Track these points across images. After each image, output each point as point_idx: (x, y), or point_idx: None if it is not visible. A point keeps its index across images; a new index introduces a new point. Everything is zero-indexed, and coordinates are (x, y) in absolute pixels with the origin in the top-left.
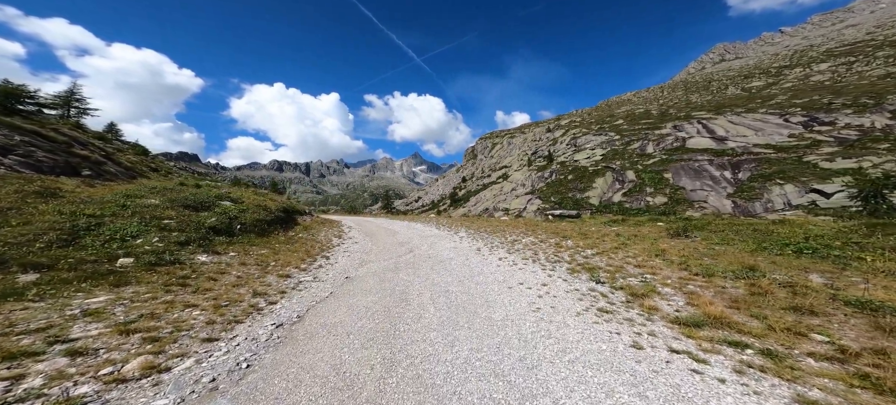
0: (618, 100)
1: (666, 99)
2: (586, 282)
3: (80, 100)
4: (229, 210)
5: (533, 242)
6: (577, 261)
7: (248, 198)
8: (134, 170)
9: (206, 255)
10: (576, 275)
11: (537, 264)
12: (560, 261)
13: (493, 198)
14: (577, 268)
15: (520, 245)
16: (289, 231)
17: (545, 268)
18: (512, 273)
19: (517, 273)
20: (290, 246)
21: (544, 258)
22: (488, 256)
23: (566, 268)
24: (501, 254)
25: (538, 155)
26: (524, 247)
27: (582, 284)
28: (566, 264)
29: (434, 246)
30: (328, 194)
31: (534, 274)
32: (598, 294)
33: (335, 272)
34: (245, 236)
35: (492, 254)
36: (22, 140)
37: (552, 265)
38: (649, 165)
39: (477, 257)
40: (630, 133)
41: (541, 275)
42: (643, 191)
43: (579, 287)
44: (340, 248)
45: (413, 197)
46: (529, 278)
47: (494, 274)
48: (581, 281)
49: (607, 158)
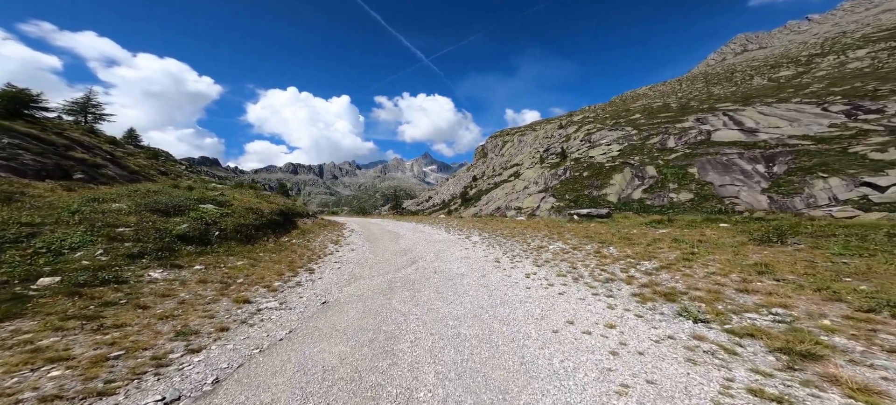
0: (632, 94)
1: (685, 92)
2: (677, 320)
3: (96, 106)
4: (208, 214)
5: (563, 250)
6: (638, 281)
7: (242, 200)
8: (140, 173)
9: (162, 271)
10: (650, 305)
11: (582, 284)
12: (613, 280)
13: (504, 196)
14: (648, 292)
15: (547, 253)
16: (283, 236)
17: (597, 293)
18: (551, 301)
19: (559, 301)
20: (276, 255)
21: (588, 274)
22: (511, 270)
23: (628, 291)
24: (527, 268)
25: (550, 152)
26: (555, 257)
27: (673, 326)
28: (625, 285)
29: (442, 255)
30: (341, 195)
31: (585, 303)
32: (718, 348)
33: (312, 294)
34: (224, 244)
35: (515, 268)
36: (10, 143)
37: (605, 287)
38: (671, 160)
39: (496, 272)
40: (648, 127)
41: (596, 305)
42: (666, 187)
43: (672, 331)
44: (332, 258)
45: (423, 197)
46: (581, 312)
47: (525, 302)
48: (666, 318)
49: (625, 154)
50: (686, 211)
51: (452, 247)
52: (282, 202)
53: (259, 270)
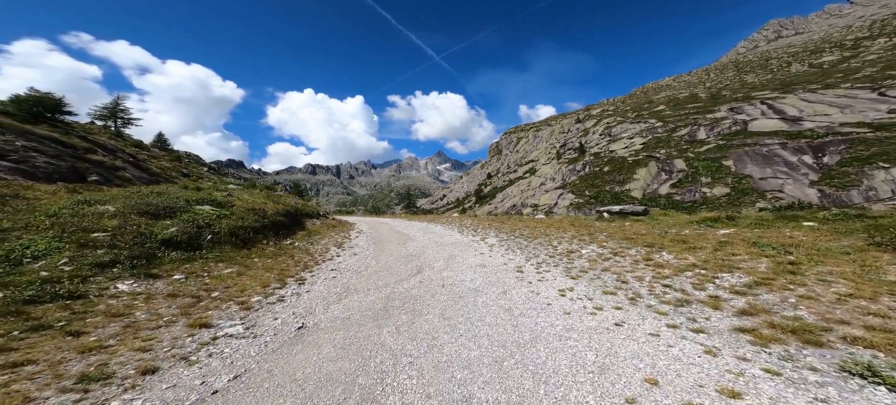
0: (655, 86)
1: (714, 81)
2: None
3: (124, 111)
4: (203, 216)
5: (601, 256)
6: (731, 305)
7: (248, 200)
8: (162, 175)
9: (133, 281)
10: (780, 351)
11: (645, 308)
12: (689, 301)
13: (520, 193)
14: (760, 327)
15: (581, 260)
16: (286, 238)
17: (676, 324)
18: (606, 337)
19: (618, 338)
20: (271, 260)
21: (647, 291)
22: (538, 284)
23: (726, 323)
24: (560, 280)
25: (568, 147)
26: (592, 265)
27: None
28: (711, 310)
29: (453, 262)
30: (357, 195)
31: (663, 343)
32: None
33: (292, 314)
34: (216, 249)
35: (543, 280)
36: (24, 146)
37: (681, 313)
38: (703, 153)
39: (520, 287)
40: (675, 119)
41: (685, 347)
42: (697, 181)
43: None
44: (331, 264)
45: (438, 195)
46: (664, 361)
47: (567, 338)
48: (824, 378)
49: (649, 147)
50: (722, 206)
51: (466, 251)
52: (291, 202)
53: (244, 280)
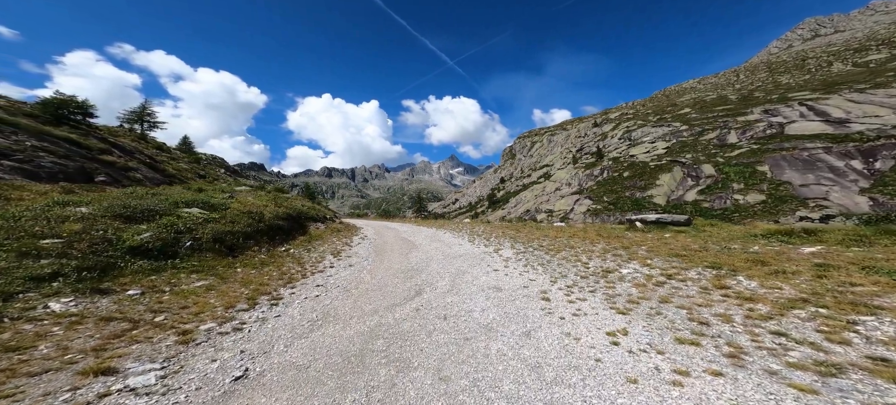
0: (678, 88)
1: (744, 83)
2: None
3: (150, 115)
4: (188, 219)
5: (649, 278)
6: None
7: (248, 203)
8: (177, 176)
9: (73, 298)
10: None
11: (762, 375)
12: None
13: (534, 198)
14: None
15: (625, 284)
16: (283, 244)
17: None
18: None
19: None
20: (255, 271)
21: (753, 345)
22: (574, 321)
23: None
24: (603, 316)
25: (584, 151)
26: (642, 293)
27: None
28: None
29: (460, 281)
30: (371, 198)
31: None
32: None
33: (239, 353)
34: (194, 257)
35: (579, 315)
36: (34, 145)
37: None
38: (734, 157)
39: (550, 326)
40: (701, 122)
41: None
42: (728, 187)
43: None
44: (319, 278)
45: (450, 199)
46: None
47: None
48: None
49: (673, 152)
50: (756, 214)
51: (476, 266)
52: (297, 205)
53: (209, 297)
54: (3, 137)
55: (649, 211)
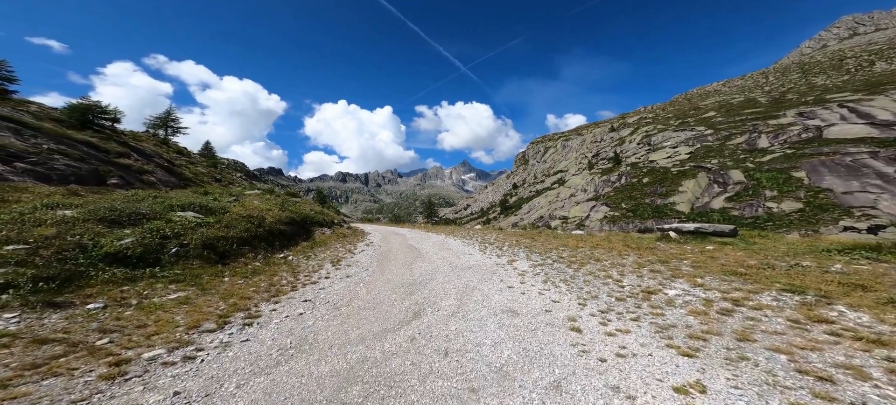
0: (700, 92)
1: (774, 85)
2: None
3: (174, 120)
4: (180, 224)
5: (708, 302)
6: None
7: (251, 206)
8: (193, 180)
9: (18, 314)
10: None
11: None
12: None
13: (548, 205)
14: None
15: (677, 310)
16: (281, 251)
17: None
18: None
19: None
20: (244, 281)
21: None
22: (620, 365)
23: None
24: (660, 358)
25: (601, 157)
26: (706, 324)
27: None
28: None
29: (467, 300)
30: (384, 203)
31: None
32: None
33: (178, 392)
34: (179, 265)
35: (625, 354)
36: (50, 148)
37: None
38: (766, 163)
39: (587, 374)
40: (728, 126)
41: None
42: (759, 194)
43: None
44: (309, 291)
45: (462, 205)
46: None
47: None
48: None
49: (697, 157)
50: (792, 224)
51: (487, 281)
52: (304, 210)
53: (176, 314)
54: (22, 140)
55: (671, 218)
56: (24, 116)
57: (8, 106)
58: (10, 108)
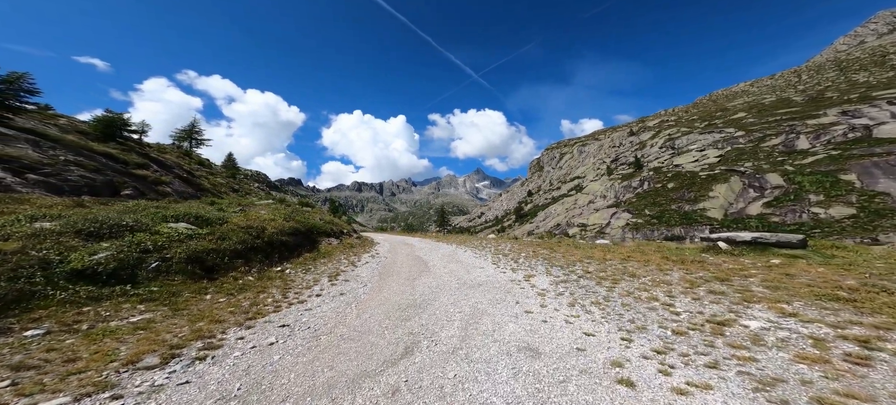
0: (726, 93)
1: (808, 83)
2: None
3: (198, 132)
4: (169, 236)
5: (822, 344)
6: None
7: (254, 217)
8: (211, 190)
9: None
10: None
11: None
12: None
13: (565, 212)
14: None
15: (776, 352)
16: (280, 263)
17: None
18: None
19: None
20: (227, 299)
21: None
22: None
23: None
24: None
25: (620, 162)
26: (840, 379)
27: None
28: None
29: (473, 332)
30: (398, 212)
31: None
32: None
33: None
34: (158, 280)
35: None
36: (65, 159)
37: None
38: (808, 165)
39: None
40: (761, 127)
41: None
42: (803, 199)
43: None
44: (291, 313)
45: (476, 213)
46: None
47: None
48: None
49: (728, 160)
50: (844, 230)
51: (500, 303)
52: (313, 220)
53: (125, 343)
54: (40, 152)
55: (701, 225)
56: (50, 129)
57: (34, 119)
58: (37, 120)
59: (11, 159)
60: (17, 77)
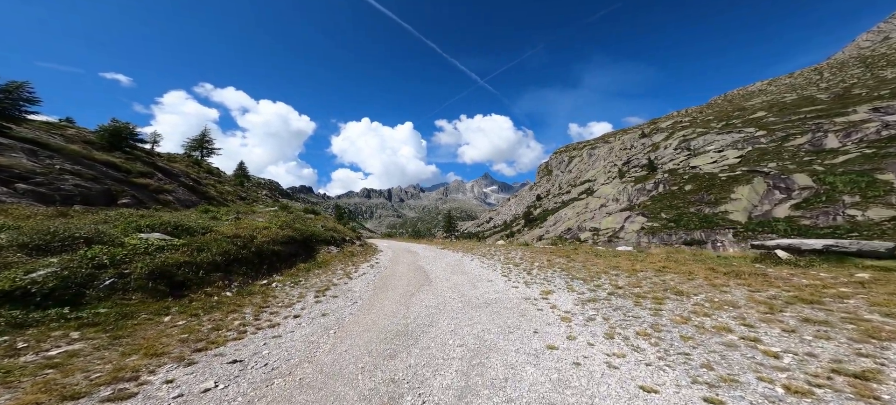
0: (742, 92)
1: (831, 80)
2: None
3: (209, 142)
4: (136, 248)
5: None
6: None
7: (242, 226)
8: (217, 198)
9: None
10: None
11: None
12: None
13: (576, 216)
14: None
15: None
16: (268, 275)
17: None
18: None
19: None
20: (190, 320)
21: None
22: None
23: None
24: None
25: (632, 164)
26: None
27: None
28: None
29: (478, 383)
30: (407, 218)
31: None
32: None
33: None
34: (109, 301)
35: None
36: (61, 168)
37: None
38: (839, 164)
39: None
40: (783, 126)
41: None
42: (836, 200)
43: None
44: (255, 340)
45: (484, 218)
46: None
47: None
48: None
49: (750, 160)
50: (885, 234)
51: (513, 331)
52: (314, 228)
53: (15, 387)
54: (36, 161)
55: (723, 228)
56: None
57: (40, 129)
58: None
59: (2, 168)
60: (16, 86)
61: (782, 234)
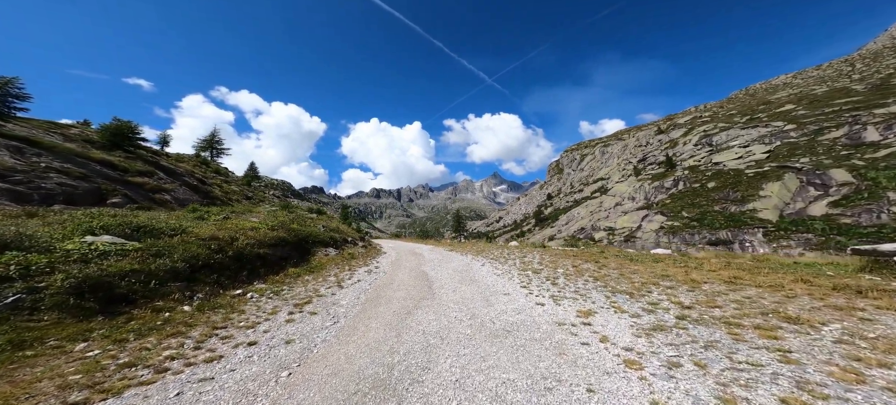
0: (765, 86)
1: (865, 71)
2: None
3: (218, 142)
4: (71, 254)
5: None
6: None
7: (226, 227)
8: (221, 198)
9: None
10: None
11: None
12: None
13: (589, 215)
14: None
15: None
16: (246, 283)
17: None
18: None
19: None
20: (105, 350)
21: None
22: None
23: None
24: None
25: (649, 162)
26: None
27: None
28: None
29: None
30: (416, 217)
31: None
32: None
33: None
34: (9, 323)
35: None
36: (46, 167)
37: None
38: (881, 159)
39: None
40: (815, 119)
41: None
42: (880, 197)
43: None
44: (161, 390)
45: (494, 217)
46: None
47: None
48: None
49: (779, 156)
50: None
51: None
52: (311, 228)
53: None
54: (19, 159)
55: (751, 228)
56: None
57: (39, 128)
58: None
59: None
60: (4, 82)
61: (819, 234)
